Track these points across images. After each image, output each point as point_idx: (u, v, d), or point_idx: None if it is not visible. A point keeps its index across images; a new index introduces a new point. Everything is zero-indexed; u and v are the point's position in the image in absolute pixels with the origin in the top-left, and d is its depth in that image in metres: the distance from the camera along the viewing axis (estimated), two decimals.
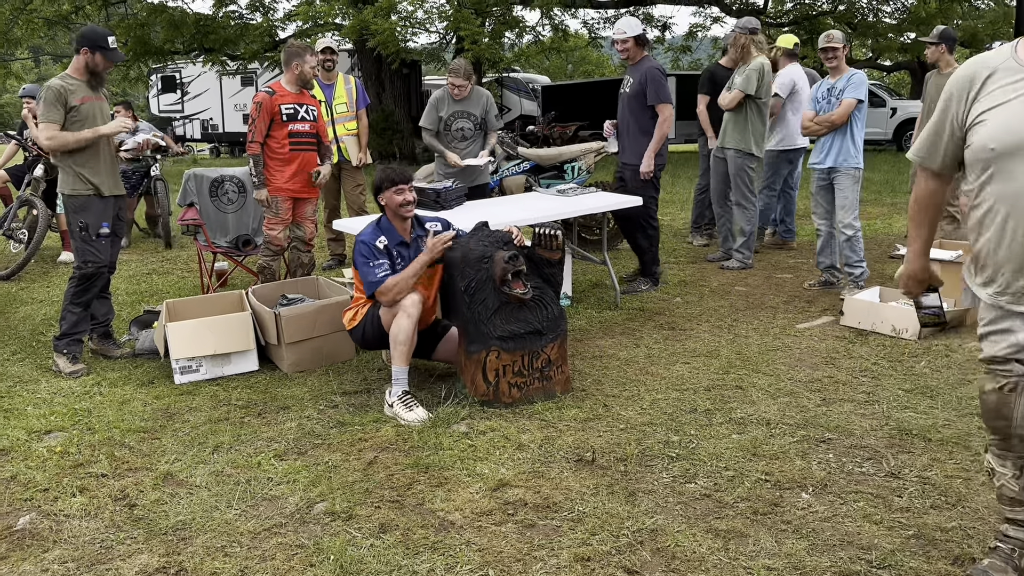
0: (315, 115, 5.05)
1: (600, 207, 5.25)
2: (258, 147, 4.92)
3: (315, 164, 5.11)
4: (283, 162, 4.95)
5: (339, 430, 3.44)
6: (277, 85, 5.00)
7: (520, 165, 6.96)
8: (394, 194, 3.66)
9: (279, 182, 4.96)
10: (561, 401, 3.67)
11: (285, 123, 4.91)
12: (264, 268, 5.15)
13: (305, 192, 5.07)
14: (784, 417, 3.45)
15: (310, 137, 5.03)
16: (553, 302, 3.72)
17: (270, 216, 5.03)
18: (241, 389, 3.99)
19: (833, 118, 5.18)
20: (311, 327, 4.24)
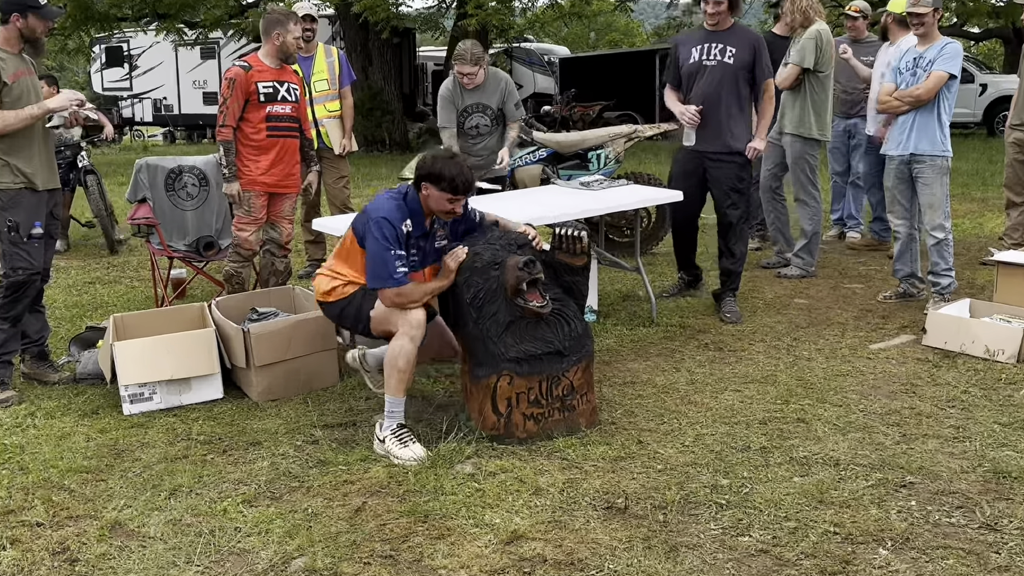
0: (297, 96, 5.10)
1: (632, 203, 5.26)
2: (230, 132, 4.95)
3: (296, 153, 5.15)
4: (258, 150, 4.99)
5: (320, 470, 3.44)
6: (254, 58, 5.04)
7: (535, 153, 6.97)
8: (446, 199, 3.56)
9: (253, 174, 5.00)
10: (586, 436, 3.66)
11: (262, 104, 4.95)
12: (231, 276, 5.18)
13: (283, 187, 5.12)
14: (856, 456, 3.43)
15: (291, 121, 5.08)
16: (576, 317, 3.72)
17: (241, 214, 5.06)
18: (203, 421, 4.00)
19: (919, 92, 5.16)
20: (286, 347, 4.25)
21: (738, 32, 5.22)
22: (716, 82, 5.18)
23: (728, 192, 5.27)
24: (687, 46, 5.27)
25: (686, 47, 5.27)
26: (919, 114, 5.21)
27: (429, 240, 3.74)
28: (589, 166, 6.90)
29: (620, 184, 5.69)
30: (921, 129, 5.21)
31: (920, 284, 5.62)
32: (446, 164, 3.54)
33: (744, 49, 5.13)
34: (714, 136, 5.22)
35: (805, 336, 5.02)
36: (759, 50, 5.16)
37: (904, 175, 5.36)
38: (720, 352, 4.78)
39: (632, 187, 5.68)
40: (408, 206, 3.63)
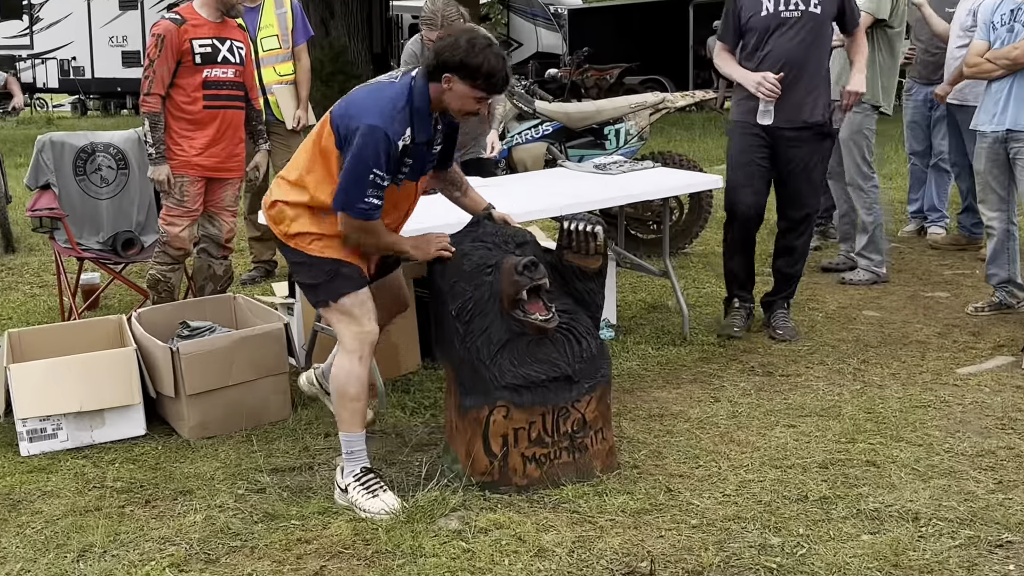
0: (242, 56, 5.11)
1: (661, 191, 5.27)
2: (158, 102, 4.96)
3: (241, 128, 5.16)
4: (194, 125, 5.01)
5: (267, 526, 3.43)
6: (188, 9, 5.03)
7: (538, 128, 6.99)
8: (475, 98, 3.48)
9: (187, 155, 5.01)
10: (602, 484, 3.66)
11: (198, 67, 4.96)
12: (157, 282, 5.18)
13: (224, 171, 5.13)
14: (940, 509, 3.44)
15: (235, 88, 5.08)
16: (589, 334, 3.73)
17: (170, 205, 5.07)
18: (120, 464, 3.99)
19: (1016, 54, 5.17)
20: (226, 371, 4.26)
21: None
22: (801, 40, 5.04)
23: (805, 177, 5.24)
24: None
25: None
26: (1017, 80, 5.23)
27: (430, 148, 3.65)
28: (606, 144, 6.94)
29: (645, 167, 5.71)
30: (1020, 99, 5.23)
31: (1020, 293, 5.64)
32: (487, 55, 3.41)
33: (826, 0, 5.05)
34: (793, 108, 5.09)
35: (876, 358, 5.03)
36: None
37: (999, 156, 5.38)
38: (770, 378, 4.79)
39: (660, 171, 5.70)
40: (414, 107, 3.50)
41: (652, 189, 5.27)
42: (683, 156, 7.07)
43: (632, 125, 6.94)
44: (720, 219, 8.36)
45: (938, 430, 4.12)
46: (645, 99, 7.08)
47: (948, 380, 4.69)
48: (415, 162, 3.58)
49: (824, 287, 6.33)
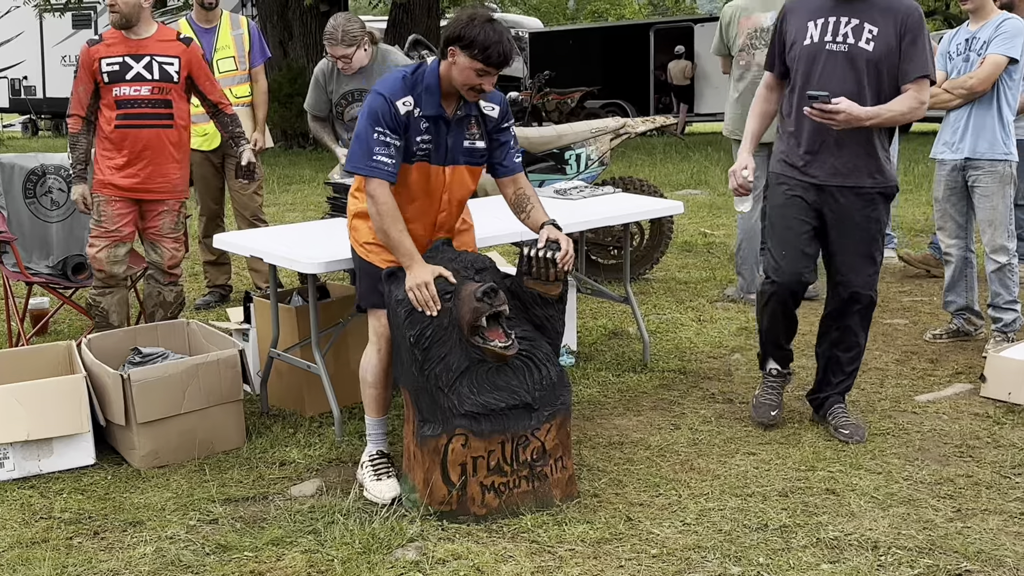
0: (169, 72, 5.00)
1: (622, 216, 5.30)
2: (79, 122, 4.99)
3: (165, 149, 5.03)
4: (111, 145, 4.98)
5: (220, 558, 3.41)
6: (112, 31, 5.05)
7: None
8: (475, 71, 3.63)
9: (104, 175, 4.99)
10: (561, 513, 3.66)
11: (108, 86, 4.94)
12: (90, 306, 5.14)
13: (149, 191, 5.05)
14: (899, 538, 3.46)
15: (150, 106, 4.98)
16: (549, 361, 3.73)
17: (92, 226, 5.06)
18: (69, 494, 3.95)
19: (971, 83, 5.27)
20: (178, 399, 4.23)
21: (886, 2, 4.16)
22: (848, 80, 4.14)
23: (853, 247, 4.30)
24: (800, 16, 4.28)
25: (799, 17, 4.28)
26: (975, 109, 5.31)
27: (453, 131, 3.81)
28: (566, 169, 6.96)
29: (605, 192, 5.75)
30: (978, 128, 5.31)
31: (978, 320, 5.71)
32: (483, 28, 3.60)
33: (892, 27, 4.09)
34: (843, 163, 4.22)
35: None
36: (905, 29, 4.11)
37: (958, 184, 5.45)
38: (730, 405, 4.82)
39: (620, 196, 5.74)
40: (417, 79, 3.75)
41: (613, 214, 5.29)
42: (644, 181, 7.12)
43: (593, 150, 6.98)
44: (681, 244, 8.49)
45: (897, 458, 4.15)
46: (606, 124, 7.12)
47: (907, 407, 4.74)
48: (435, 142, 3.78)
49: None
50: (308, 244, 4.51)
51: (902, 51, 4.11)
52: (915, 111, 4.18)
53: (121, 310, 5.14)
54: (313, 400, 4.72)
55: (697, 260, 8.10)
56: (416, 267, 3.66)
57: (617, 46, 23.34)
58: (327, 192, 5.60)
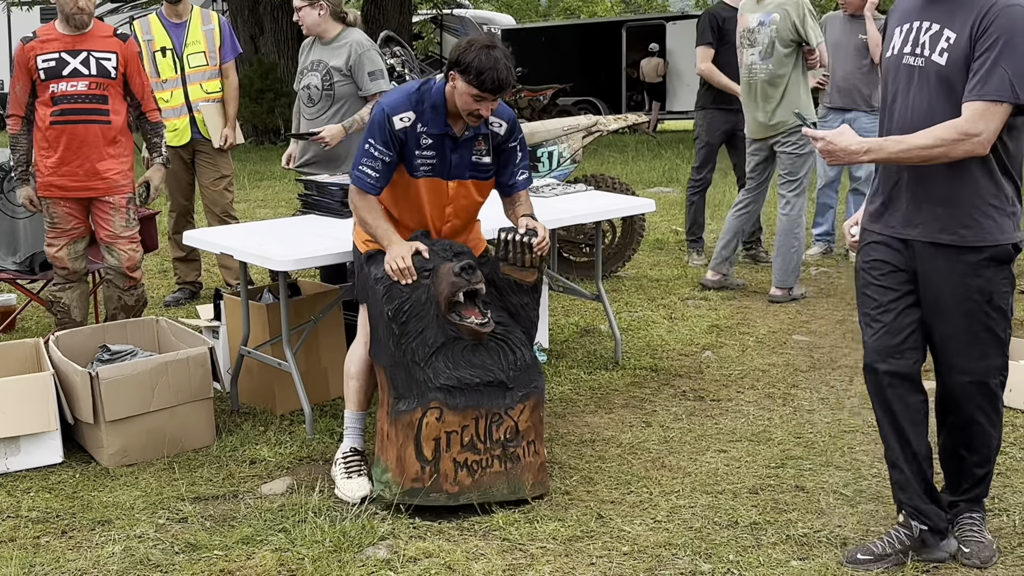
0: (106, 67, 4.94)
1: (593, 214, 5.31)
2: (18, 123, 4.96)
3: (100, 144, 4.97)
4: (47, 143, 4.94)
5: (189, 557, 3.39)
6: (47, 26, 5.00)
7: None
8: (471, 96, 3.67)
9: (43, 175, 4.95)
10: (533, 510, 3.67)
11: (44, 83, 4.88)
12: (51, 303, 5.11)
13: (87, 189, 4.99)
14: (868, 534, 3.48)
15: (86, 101, 4.92)
16: (523, 345, 3.76)
17: (47, 227, 5.05)
18: (36, 493, 3.92)
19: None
20: (147, 397, 4.21)
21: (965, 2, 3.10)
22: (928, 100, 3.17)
23: (968, 326, 3.24)
24: (893, 18, 3.39)
25: (892, 20, 3.39)
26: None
27: (460, 147, 3.85)
28: (539, 167, 6.97)
29: (577, 190, 5.76)
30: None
31: None
32: (479, 54, 3.64)
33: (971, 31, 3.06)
34: (928, 210, 3.22)
35: (805, 382, 5.10)
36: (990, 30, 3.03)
37: None
38: (701, 403, 4.84)
39: (592, 194, 5.75)
40: (424, 95, 3.81)
41: (585, 212, 5.30)
42: (616, 179, 7.14)
43: (565, 148, 6.99)
44: (652, 242, 8.51)
45: (866, 455, 4.18)
46: (578, 122, 7.14)
47: None
48: (438, 157, 3.82)
49: (755, 311, 6.42)
50: (279, 241, 4.49)
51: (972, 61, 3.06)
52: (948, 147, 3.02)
53: (83, 305, 5.11)
54: (284, 398, 4.70)
55: (669, 258, 8.12)
56: (395, 244, 3.74)
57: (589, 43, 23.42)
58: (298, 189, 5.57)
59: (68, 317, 5.04)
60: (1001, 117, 3.00)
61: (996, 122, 2.99)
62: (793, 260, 6.60)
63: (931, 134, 3.02)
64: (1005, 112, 2.99)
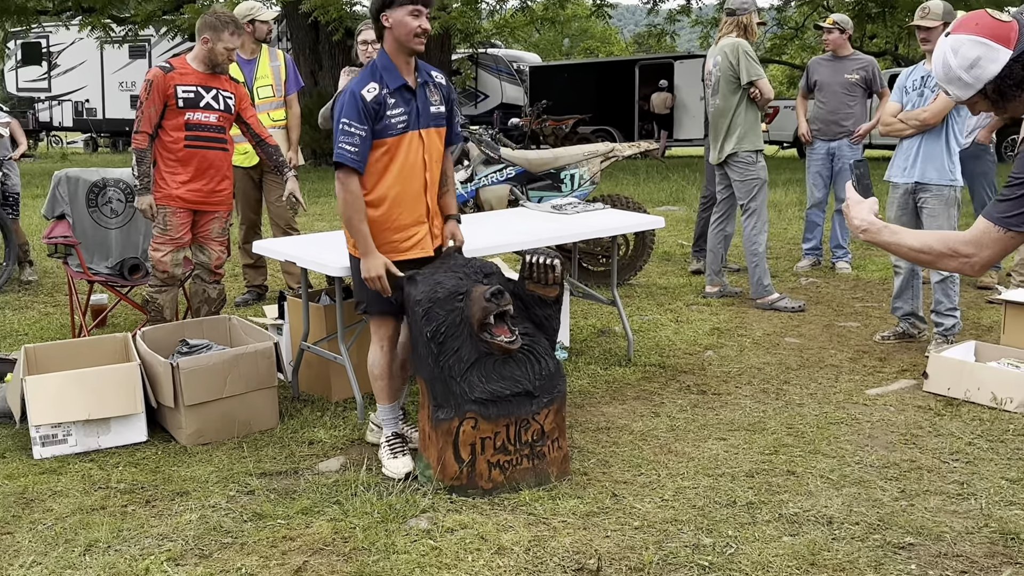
0: (229, 104, 5.07)
1: (610, 229, 5.30)
2: (144, 139, 4.94)
3: (223, 168, 5.10)
4: (176, 162, 4.97)
5: (256, 525, 3.41)
6: (180, 60, 5.03)
7: (503, 172, 7.02)
8: (408, 16, 3.60)
9: (170, 188, 4.98)
10: (555, 488, 3.67)
11: (181, 110, 4.93)
12: (147, 302, 5.14)
13: (208, 204, 5.08)
14: (851, 514, 3.47)
15: (216, 131, 5.02)
16: (547, 354, 3.74)
17: (156, 233, 5.05)
18: (124, 467, 3.95)
19: (925, 116, 5.25)
20: (220, 384, 4.23)
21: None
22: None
23: None
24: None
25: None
26: (925, 139, 5.30)
27: (420, 97, 3.78)
28: (562, 187, 6.97)
29: (596, 208, 5.75)
30: (927, 156, 5.30)
31: (922, 324, 5.71)
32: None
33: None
34: None
35: (796, 379, 5.07)
36: None
37: (908, 205, 5.45)
38: (703, 396, 4.82)
39: (609, 212, 5.74)
40: (375, 65, 3.73)
41: (602, 227, 5.29)
42: (629, 198, 7.12)
43: (585, 171, 6.98)
44: (661, 254, 8.48)
45: (849, 444, 4.16)
46: (597, 148, 7.12)
47: (858, 400, 4.74)
48: (408, 109, 3.74)
49: (751, 316, 6.38)
50: (335, 250, 4.50)
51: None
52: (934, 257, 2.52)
53: (173, 306, 5.15)
54: (338, 387, 4.72)
55: (675, 268, 8.10)
56: (371, 255, 3.71)
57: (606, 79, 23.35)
58: None
59: (160, 316, 5.08)
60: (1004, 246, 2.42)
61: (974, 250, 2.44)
62: (756, 274, 6.56)
63: (920, 239, 2.56)
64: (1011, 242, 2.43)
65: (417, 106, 3.76)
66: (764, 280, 6.55)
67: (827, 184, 7.75)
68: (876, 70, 7.58)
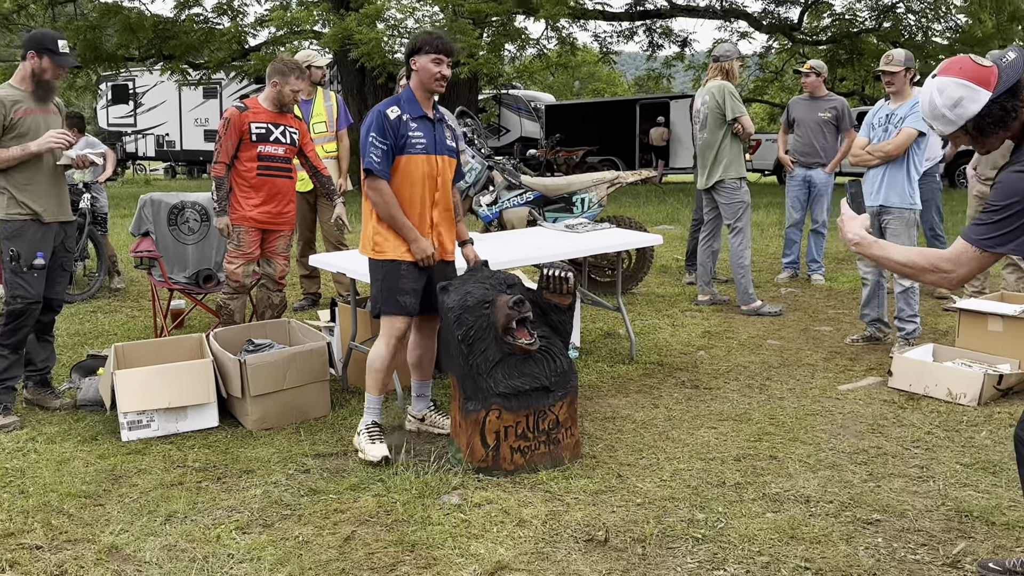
0: (294, 138, 5.10)
1: (615, 245, 5.30)
2: (222, 168, 4.97)
3: (289, 193, 5.15)
4: (250, 188, 5.00)
5: (311, 499, 3.42)
6: (253, 101, 5.07)
7: (523, 196, 7.02)
8: (431, 63, 3.68)
9: (244, 210, 5.00)
10: (568, 469, 3.66)
11: (254, 144, 4.96)
12: (220, 308, 5.16)
13: (275, 224, 5.11)
14: (826, 494, 3.44)
15: (283, 162, 5.07)
16: (562, 354, 3.73)
17: (231, 248, 5.07)
18: (198, 448, 3.97)
19: (888, 148, 5.22)
20: (281, 378, 4.24)
21: None
22: None
23: None
24: None
25: None
26: (889, 168, 5.27)
27: (437, 127, 3.82)
28: (574, 209, 6.96)
29: (603, 227, 5.74)
30: (891, 183, 5.27)
31: (886, 328, 5.67)
32: (428, 33, 3.74)
33: None
34: None
35: (777, 376, 5.04)
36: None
37: (874, 225, 5.41)
38: (696, 390, 4.79)
39: (614, 230, 5.73)
40: (399, 97, 3.79)
41: (608, 244, 5.28)
42: (632, 219, 7.10)
43: (594, 195, 6.97)
44: (659, 267, 8.45)
45: (824, 432, 4.13)
46: (603, 176, 7.11)
47: (832, 394, 4.71)
48: (426, 136, 3.76)
49: (738, 321, 6.35)
50: None
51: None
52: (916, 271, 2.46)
53: (242, 311, 5.18)
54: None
55: (671, 279, 8.06)
56: (420, 240, 3.75)
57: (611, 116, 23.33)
58: None
59: (232, 320, 5.10)
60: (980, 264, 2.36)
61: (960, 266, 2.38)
62: (742, 285, 6.53)
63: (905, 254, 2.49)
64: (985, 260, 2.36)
65: (435, 135, 3.81)
66: (749, 289, 6.52)
67: (804, 207, 7.72)
68: (846, 109, 7.55)
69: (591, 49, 24.06)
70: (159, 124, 25.42)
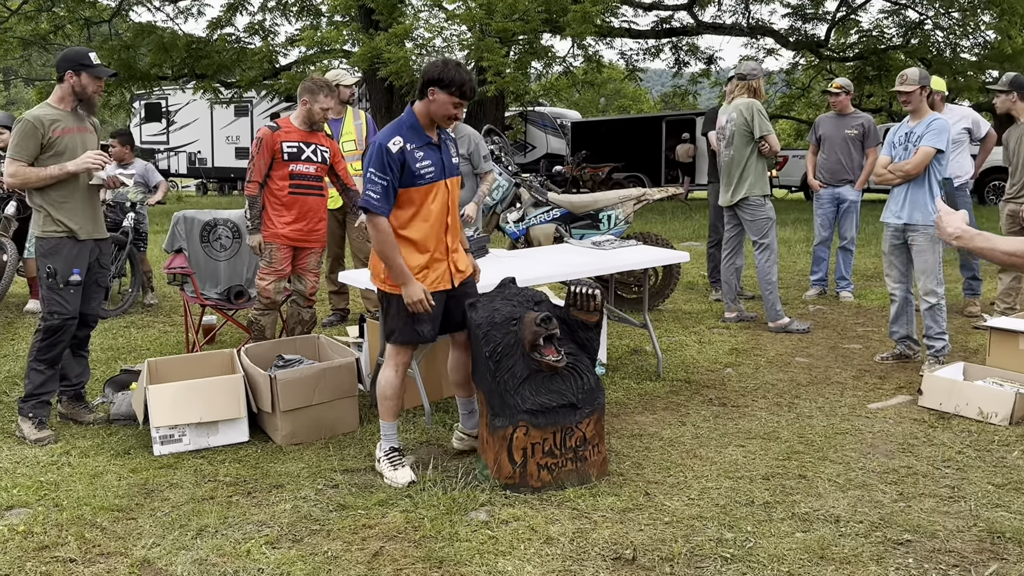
0: (325, 157, 5.15)
1: (641, 262, 5.29)
2: (256, 187, 5.03)
3: (320, 211, 5.19)
4: (282, 206, 5.05)
5: (340, 514, 3.43)
6: (285, 120, 5.13)
7: (549, 213, 7.03)
8: (450, 104, 3.54)
9: (276, 228, 5.05)
10: (595, 487, 3.64)
11: (286, 163, 5.01)
12: (251, 323, 5.21)
13: (306, 241, 5.15)
14: (856, 513, 3.40)
15: (315, 180, 5.12)
16: (589, 371, 3.73)
17: (263, 265, 5.12)
18: (229, 463, 4.00)
19: (907, 168, 5.21)
20: (310, 393, 4.27)
21: None
22: None
23: None
24: None
25: None
26: (912, 186, 5.25)
27: (443, 150, 3.69)
28: (600, 226, 6.96)
29: (629, 244, 5.73)
30: (914, 200, 5.24)
31: (916, 346, 5.60)
32: (457, 70, 3.53)
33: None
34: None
35: (806, 394, 4.99)
36: None
37: (899, 242, 5.39)
38: (724, 408, 4.76)
39: (641, 247, 5.72)
40: (401, 123, 3.63)
41: (635, 261, 5.27)
42: (658, 236, 7.09)
43: (620, 212, 6.97)
44: (685, 284, 8.42)
45: (854, 451, 4.08)
46: (630, 193, 7.11)
47: (861, 413, 4.66)
48: (433, 162, 3.62)
49: (765, 338, 6.31)
50: None
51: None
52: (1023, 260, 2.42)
53: (273, 327, 5.22)
54: (410, 396, 4.72)
55: (698, 296, 8.03)
56: (411, 284, 3.59)
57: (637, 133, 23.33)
58: None
59: (263, 335, 5.15)
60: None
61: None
62: (769, 301, 6.48)
63: (1012, 244, 2.44)
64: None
65: (442, 158, 3.69)
66: (777, 306, 6.48)
67: (831, 224, 7.66)
68: (872, 126, 7.52)
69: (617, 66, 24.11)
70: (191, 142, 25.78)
